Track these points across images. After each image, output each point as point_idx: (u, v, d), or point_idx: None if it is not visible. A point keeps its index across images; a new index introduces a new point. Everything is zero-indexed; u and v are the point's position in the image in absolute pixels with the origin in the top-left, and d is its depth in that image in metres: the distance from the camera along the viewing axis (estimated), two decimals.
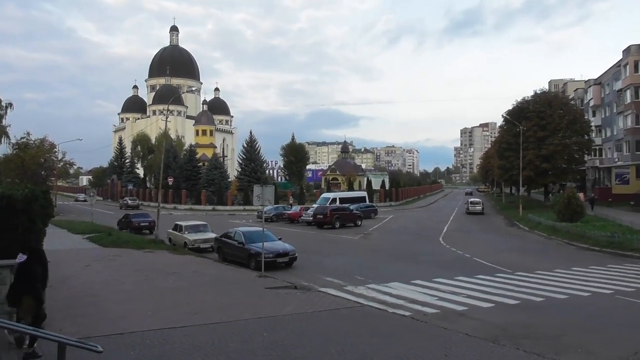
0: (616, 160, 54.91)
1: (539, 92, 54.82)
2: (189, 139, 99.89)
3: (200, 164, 79.80)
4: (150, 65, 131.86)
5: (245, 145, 73.52)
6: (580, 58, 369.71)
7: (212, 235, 24.94)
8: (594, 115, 63.96)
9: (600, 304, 13.63)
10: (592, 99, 63.29)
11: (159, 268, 18.85)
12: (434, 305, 13.30)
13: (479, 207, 53.14)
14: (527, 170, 48.75)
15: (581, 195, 45.18)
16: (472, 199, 57.82)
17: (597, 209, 42.88)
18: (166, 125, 37.07)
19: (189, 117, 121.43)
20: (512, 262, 20.92)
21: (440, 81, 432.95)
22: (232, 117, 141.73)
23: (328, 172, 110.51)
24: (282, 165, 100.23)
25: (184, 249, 24.43)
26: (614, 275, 17.82)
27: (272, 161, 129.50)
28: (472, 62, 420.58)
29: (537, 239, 31.27)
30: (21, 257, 8.78)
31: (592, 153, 59.77)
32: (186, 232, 25.81)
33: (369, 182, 75.17)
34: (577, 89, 72.16)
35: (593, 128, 59.05)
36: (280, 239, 21.56)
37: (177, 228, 26.71)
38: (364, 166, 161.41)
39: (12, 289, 8.59)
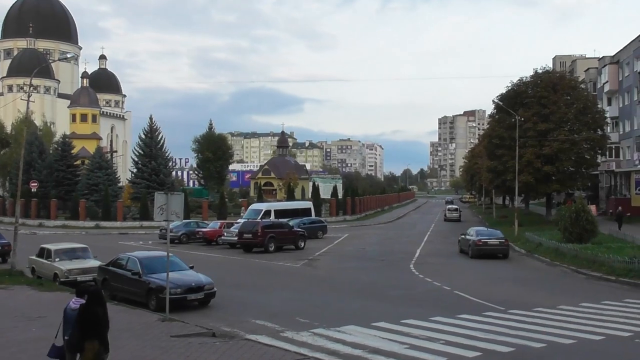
0: (637, 162, 57.77)
1: (540, 71, 56.98)
2: (62, 127, 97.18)
3: (79, 162, 77.87)
4: (4, 21, 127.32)
5: (144, 137, 72.21)
6: (593, 28, 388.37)
7: (95, 263, 24.46)
8: (609, 104, 67.13)
9: (615, 351, 14.31)
10: (607, 82, 66.41)
11: (17, 311, 18.27)
12: (402, 356, 13.53)
13: (455, 214, 71.78)
14: (525, 174, 50.50)
15: (593, 207, 47.31)
16: (449, 206, 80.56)
17: (611, 225, 44.81)
18: (28, 107, 35.76)
19: (61, 95, 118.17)
20: (505, 297, 21.63)
21: (413, 54, 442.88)
22: (125, 96, 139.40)
23: (259, 175, 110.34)
24: (195, 165, 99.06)
25: (53, 284, 23.82)
26: (633, 313, 18.75)
27: (181, 159, 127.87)
28: (454, 30, 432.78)
29: (537, 265, 32.48)
30: (76, 301, 10.38)
31: (607, 153, 62.59)
32: (57, 260, 25.13)
33: (316, 189, 75.59)
34: (588, 69, 75.64)
35: (608, 120, 61.94)
36: (192, 268, 21.36)
37: (44, 254, 25.95)
38: (308, 166, 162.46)
39: (73, 336, 10.07)
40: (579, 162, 54.25)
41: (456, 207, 79.37)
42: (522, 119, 50.83)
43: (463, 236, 38.19)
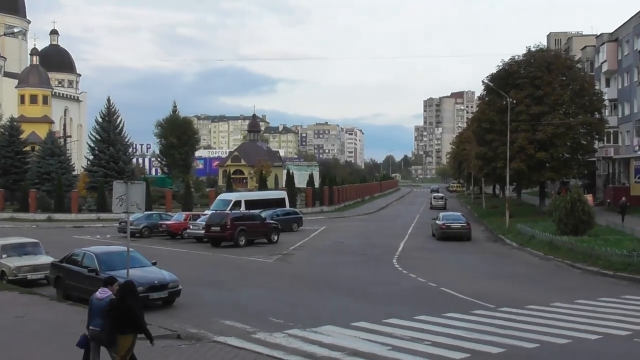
0: (636, 148, 58.50)
1: (533, 49, 57.32)
2: (10, 109, 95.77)
3: (28, 148, 76.95)
4: None
5: (101, 120, 71.72)
6: (590, 4, 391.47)
7: (48, 259, 24.29)
8: (607, 85, 67.85)
9: (613, 351, 14.56)
10: (605, 61, 67.08)
11: None
12: (384, 359, 13.65)
13: (441, 202, 77.06)
14: (517, 161, 50.92)
15: (589, 197, 47.72)
16: (435, 194, 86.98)
17: (609, 215, 45.24)
18: None
19: (8, 74, 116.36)
20: (495, 294, 21.88)
21: (397, 30, 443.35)
22: (80, 75, 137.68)
23: (229, 162, 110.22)
24: (158, 151, 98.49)
25: (0, 282, 23.60)
26: (632, 311, 19.05)
27: (142, 145, 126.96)
28: (442, 5, 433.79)
29: (530, 259, 32.84)
30: (103, 291, 11.68)
31: (605, 138, 63.27)
32: (4, 256, 24.92)
33: (291, 177, 75.58)
34: (585, 47, 76.28)
35: (606, 103, 62.54)
36: (154, 264, 21.30)
37: None
38: (282, 153, 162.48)
39: (104, 330, 11.08)
40: (575, 148, 54.74)
41: (442, 195, 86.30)
42: (514, 101, 51.16)
43: (434, 220, 45.04)
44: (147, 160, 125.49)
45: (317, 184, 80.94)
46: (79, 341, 11.65)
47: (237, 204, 49.10)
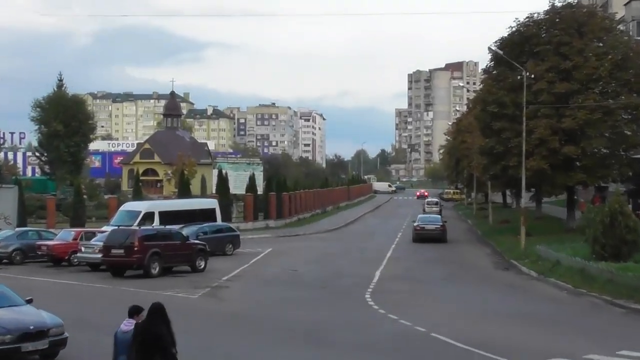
0: None
1: (559, 4, 57.73)
2: None
3: None
4: None
5: None
6: None
7: None
8: None
9: None
10: None
11: None
12: None
13: (435, 208, 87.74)
14: (536, 157, 51.19)
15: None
16: (428, 200, 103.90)
17: None
18: None
19: None
20: (507, 342, 21.98)
21: None
22: None
23: (137, 158, 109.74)
24: (36, 143, 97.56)
25: None
26: None
27: (14, 134, 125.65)
28: None
29: (553, 294, 33.16)
30: (128, 323, 13.44)
31: None
32: None
33: (224, 180, 75.28)
34: (629, 2, 77.27)
35: None
36: (29, 302, 20.98)
37: None
38: (212, 146, 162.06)
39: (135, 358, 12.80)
40: (615, 141, 54.94)
41: (436, 200, 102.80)
42: (532, 76, 51.50)
43: (413, 223, 59.48)
44: (20, 155, 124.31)
45: (260, 190, 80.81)
46: None
47: (148, 216, 49.08)
